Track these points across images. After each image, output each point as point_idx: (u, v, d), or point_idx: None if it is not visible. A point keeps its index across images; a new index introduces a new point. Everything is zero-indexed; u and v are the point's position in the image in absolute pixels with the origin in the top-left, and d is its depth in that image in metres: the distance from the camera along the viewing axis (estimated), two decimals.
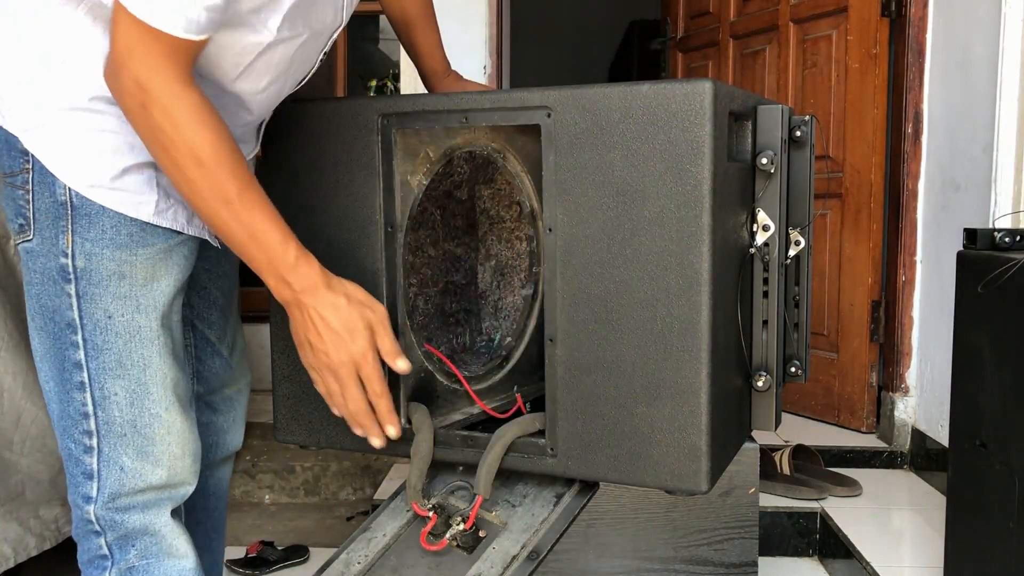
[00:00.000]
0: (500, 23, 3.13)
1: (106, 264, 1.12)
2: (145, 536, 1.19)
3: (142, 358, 1.15)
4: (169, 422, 1.18)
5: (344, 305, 1.11)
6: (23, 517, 1.92)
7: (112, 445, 1.16)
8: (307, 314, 1.11)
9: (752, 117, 1.22)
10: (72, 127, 1.11)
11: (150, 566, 1.19)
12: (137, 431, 1.16)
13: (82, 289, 1.12)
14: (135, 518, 1.18)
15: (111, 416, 1.15)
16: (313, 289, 1.10)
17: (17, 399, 1.91)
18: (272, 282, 1.10)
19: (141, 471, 1.17)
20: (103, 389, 1.15)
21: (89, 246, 1.11)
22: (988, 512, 1.52)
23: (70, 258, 1.12)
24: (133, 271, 1.13)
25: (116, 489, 1.17)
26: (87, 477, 1.18)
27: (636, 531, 1.86)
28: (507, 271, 1.45)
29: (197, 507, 1.45)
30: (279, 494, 2.84)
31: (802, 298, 1.34)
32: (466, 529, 1.21)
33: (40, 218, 1.12)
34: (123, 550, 1.19)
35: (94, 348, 1.14)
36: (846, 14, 2.78)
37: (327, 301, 1.10)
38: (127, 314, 1.14)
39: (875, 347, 2.78)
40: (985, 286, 1.48)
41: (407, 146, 1.24)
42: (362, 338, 1.11)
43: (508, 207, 1.42)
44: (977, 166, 2.26)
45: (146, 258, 1.14)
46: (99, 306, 1.13)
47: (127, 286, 1.13)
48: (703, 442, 1.10)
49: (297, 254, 1.09)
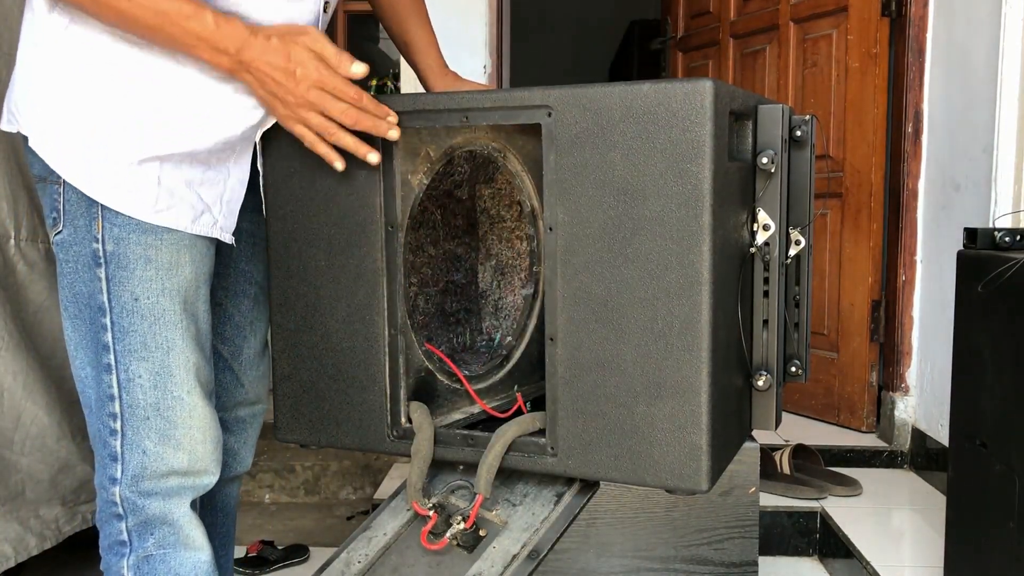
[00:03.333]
0: (500, 22, 3.13)
1: (133, 248, 1.15)
2: (164, 525, 1.21)
3: (166, 340, 1.17)
4: (191, 405, 1.20)
5: (277, 42, 1.11)
6: (23, 516, 1.92)
7: (135, 428, 1.18)
8: (253, 69, 1.12)
9: (752, 117, 1.22)
10: (76, 125, 1.13)
11: (167, 556, 1.21)
12: (160, 414, 1.18)
13: (111, 272, 1.15)
14: (156, 504, 1.20)
15: (135, 399, 1.18)
16: (245, 44, 1.10)
17: (17, 399, 1.91)
18: (206, 55, 1.11)
19: (163, 455, 1.19)
20: (128, 371, 1.17)
21: (117, 231, 1.14)
22: (988, 512, 1.52)
23: (101, 243, 1.15)
24: (159, 255, 1.16)
25: (138, 472, 1.19)
26: (112, 459, 1.20)
27: (636, 530, 1.86)
28: (507, 270, 1.45)
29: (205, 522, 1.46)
30: (279, 493, 2.84)
31: (802, 298, 1.34)
32: (466, 528, 1.21)
33: (71, 209, 1.16)
34: (142, 537, 1.21)
35: (120, 330, 1.16)
36: (846, 14, 2.78)
37: (261, 47, 1.11)
38: (152, 296, 1.16)
39: (875, 347, 2.79)
40: (985, 286, 1.48)
41: (407, 145, 1.24)
42: (308, 59, 1.11)
43: (508, 206, 1.42)
44: (977, 166, 2.26)
45: (171, 243, 1.17)
46: (126, 288, 1.16)
47: (153, 270, 1.16)
48: (703, 441, 1.10)
49: (215, 18, 1.09)
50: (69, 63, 1.13)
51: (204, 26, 1.08)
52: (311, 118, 1.14)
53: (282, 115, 1.15)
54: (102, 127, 1.13)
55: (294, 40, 1.11)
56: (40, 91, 1.15)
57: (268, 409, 1.44)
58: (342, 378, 1.29)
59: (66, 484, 2.01)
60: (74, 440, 2.03)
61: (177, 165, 1.17)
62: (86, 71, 1.13)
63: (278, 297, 1.31)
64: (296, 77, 1.11)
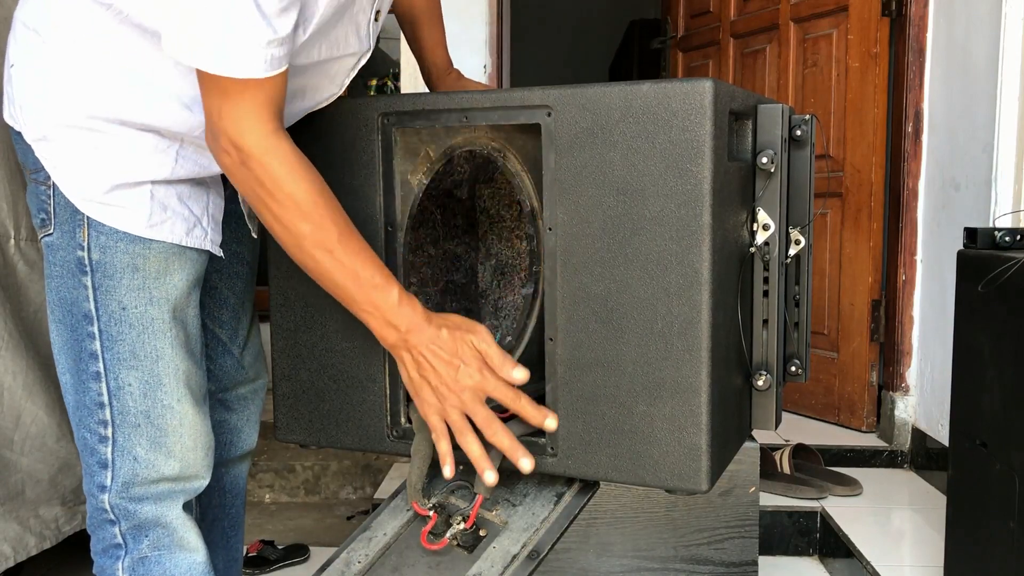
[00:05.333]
0: (500, 22, 3.13)
1: (120, 257, 1.15)
2: (158, 528, 1.21)
3: (155, 349, 1.17)
4: (181, 414, 1.20)
5: (447, 335, 1.11)
6: (23, 516, 1.92)
7: (126, 435, 1.18)
8: (415, 353, 1.11)
9: (752, 116, 1.22)
10: (69, 143, 1.13)
11: (162, 557, 1.21)
12: (150, 422, 1.18)
13: (98, 281, 1.15)
14: (148, 509, 1.20)
15: (125, 406, 1.18)
16: (418, 328, 1.10)
17: (17, 398, 1.91)
18: (376, 325, 1.11)
19: (154, 462, 1.19)
20: (118, 379, 1.17)
21: (104, 239, 1.14)
22: (988, 512, 1.52)
23: (86, 251, 1.14)
24: (146, 264, 1.16)
25: (129, 479, 1.19)
26: (102, 466, 1.20)
27: (636, 530, 1.86)
28: (507, 270, 1.45)
29: (214, 504, 1.46)
30: (279, 493, 2.84)
31: (802, 297, 1.34)
32: (466, 528, 1.21)
33: (59, 212, 1.15)
34: (136, 540, 1.21)
35: (109, 339, 1.16)
36: (846, 13, 2.78)
37: (431, 335, 1.11)
38: (140, 306, 1.16)
39: (875, 346, 2.79)
40: (985, 285, 1.48)
41: (407, 145, 1.24)
42: (473, 359, 1.11)
43: (508, 206, 1.42)
44: (977, 165, 2.26)
45: (159, 252, 1.16)
46: (113, 297, 1.15)
47: (140, 279, 1.16)
48: (703, 441, 1.10)
49: (399, 295, 1.10)
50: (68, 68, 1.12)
51: (387, 301, 1.10)
52: (453, 415, 1.13)
53: (427, 402, 1.14)
54: (99, 145, 1.13)
55: (463, 337, 1.12)
56: (42, 106, 1.14)
57: (268, 410, 1.44)
58: (342, 378, 1.29)
59: (66, 484, 2.01)
60: (74, 440, 2.02)
61: (169, 181, 1.17)
62: (82, 94, 1.13)
63: (278, 297, 1.31)
64: (458, 373, 1.11)
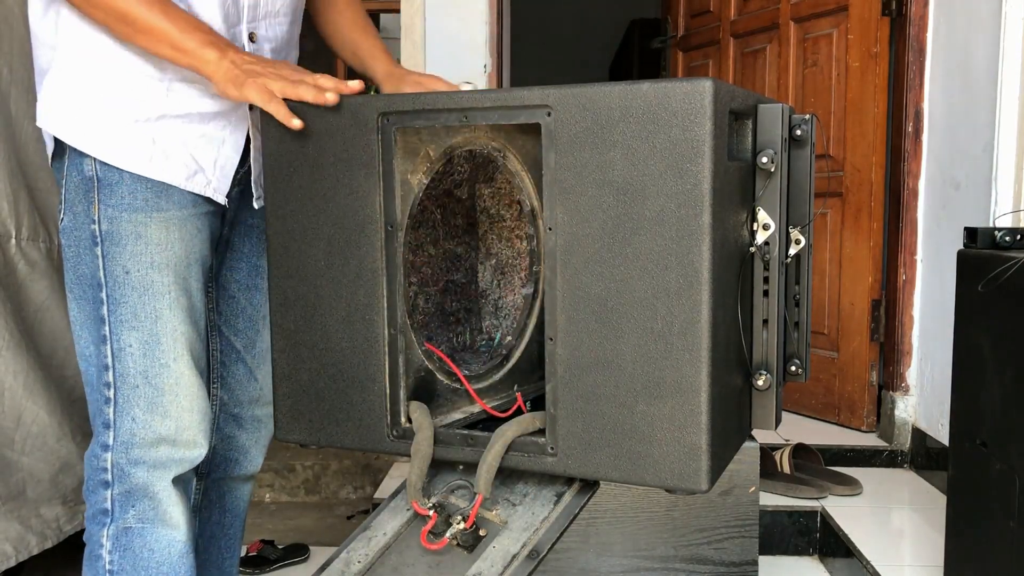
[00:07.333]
0: (500, 22, 3.12)
1: (124, 226, 1.24)
2: (145, 499, 1.26)
3: (154, 310, 1.24)
4: (178, 373, 1.26)
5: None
6: (24, 516, 1.92)
7: (126, 396, 1.25)
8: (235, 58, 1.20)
9: (752, 116, 1.22)
10: (72, 87, 1.22)
11: (144, 531, 1.26)
12: (148, 381, 1.25)
13: (106, 250, 1.24)
14: (141, 474, 1.25)
15: (126, 367, 1.25)
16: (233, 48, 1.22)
17: (18, 398, 1.91)
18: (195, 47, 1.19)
19: (151, 422, 1.25)
20: (120, 341, 1.24)
21: (111, 211, 1.24)
22: (988, 512, 1.52)
23: (97, 223, 1.24)
24: (148, 232, 1.24)
25: (128, 439, 1.25)
26: (105, 427, 1.26)
27: (636, 530, 1.86)
28: (507, 270, 1.45)
29: (212, 521, 1.48)
30: (279, 493, 2.84)
31: (802, 297, 1.34)
32: (466, 528, 1.21)
33: (70, 196, 1.25)
34: (123, 508, 1.26)
35: (113, 302, 1.24)
36: (846, 13, 2.78)
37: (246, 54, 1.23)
38: (142, 270, 1.24)
39: (875, 346, 2.78)
40: (985, 285, 1.48)
41: (407, 145, 1.24)
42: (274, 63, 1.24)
43: (508, 206, 1.42)
44: (977, 165, 2.26)
45: (160, 221, 1.25)
46: (118, 263, 1.24)
47: (143, 245, 1.24)
48: (703, 441, 1.10)
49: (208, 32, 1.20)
50: (70, 32, 1.21)
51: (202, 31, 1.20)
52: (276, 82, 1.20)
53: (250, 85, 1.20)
54: (100, 88, 1.21)
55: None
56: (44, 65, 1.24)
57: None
58: (342, 378, 1.29)
59: (67, 483, 2.01)
60: (74, 440, 2.03)
61: (172, 126, 1.24)
62: (86, 38, 1.21)
63: (278, 297, 1.31)
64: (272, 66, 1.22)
